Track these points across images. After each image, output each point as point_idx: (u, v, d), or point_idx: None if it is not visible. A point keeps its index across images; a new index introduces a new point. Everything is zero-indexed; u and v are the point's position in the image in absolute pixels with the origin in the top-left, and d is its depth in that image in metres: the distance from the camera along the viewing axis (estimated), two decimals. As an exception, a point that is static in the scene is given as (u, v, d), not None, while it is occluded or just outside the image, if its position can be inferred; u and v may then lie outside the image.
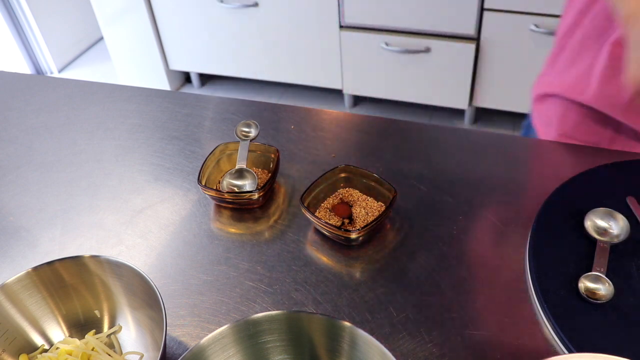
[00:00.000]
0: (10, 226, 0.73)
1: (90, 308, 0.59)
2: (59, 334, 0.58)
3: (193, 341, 0.58)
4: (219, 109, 0.91)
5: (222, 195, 0.70)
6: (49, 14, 2.76)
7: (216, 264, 0.66)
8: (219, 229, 0.70)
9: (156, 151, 0.83)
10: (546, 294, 0.57)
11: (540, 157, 0.76)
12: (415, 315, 0.58)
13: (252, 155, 0.75)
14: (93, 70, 2.85)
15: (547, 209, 0.66)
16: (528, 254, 0.62)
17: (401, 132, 0.83)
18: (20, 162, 0.84)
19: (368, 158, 0.78)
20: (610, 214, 0.63)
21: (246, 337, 0.51)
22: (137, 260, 0.67)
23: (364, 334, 0.47)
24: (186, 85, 2.66)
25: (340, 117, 0.89)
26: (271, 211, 0.72)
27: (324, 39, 2.16)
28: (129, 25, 2.36)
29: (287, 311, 0.51)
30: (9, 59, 2.78)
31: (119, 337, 0.58)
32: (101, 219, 0.73)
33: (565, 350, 0.54)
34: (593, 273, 0.57)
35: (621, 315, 0.55)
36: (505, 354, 0.54)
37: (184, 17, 2.28)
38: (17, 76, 1.06)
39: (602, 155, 0.74)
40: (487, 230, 0.66)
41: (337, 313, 0.59)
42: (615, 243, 0.60)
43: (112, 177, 0.80)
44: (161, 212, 0.73)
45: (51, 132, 0.89)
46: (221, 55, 2.36)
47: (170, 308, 0.60)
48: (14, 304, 0.56)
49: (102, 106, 0.94)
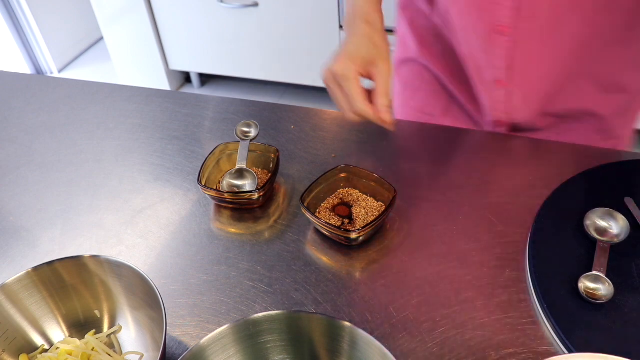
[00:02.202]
0: (10, 226, 0.73)
1: (90, 308, 0.59)
2: (59, 334, 0.58)
3: (193, 341, 0.58)
4: (219, 109, 0.91)
5: (222, 195, 0.70)
6: (49, 14, 2.76)
7: (216, 264, 0.66)
8: (219, 229, 0.70)
9: (156, 151, 0.83)
10: (546, 294, 0.57)
11: (540, 157, 0.76)
12: (415, 315, 0.58)
13: (252, 155, 0.75)
14: (93, 70, 2.85)
15: (547, 209, 0.66)
16: (528, 254, 0.62)
17: (401, 132, 0.83)
18: (20, 162, 0.84)
19: (368, 158, 0.78)
20: (610, 214, 0.63)
21: (246, 337, 0.51)
22: (137, 260, 0.67)
23: (364, 334, 0.47)
24: (186, 85, 2.66)
25: (340, 117, 0.89)
26: (271, 211, 0.72)
27: (324, 39, 2.16)
28: (129, 25, 2.36)
29: (287, 311, 0.51)
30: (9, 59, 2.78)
31: (119, 337, 0.58)
32: (101, 219, 0.73)
33: (565, 350, 0.54)
34: (593, 273, 0.57)
35: (621, 315, 0.55)
36: (505, 354, 0.54)
37: (184, 17, 2.28)
38: (17, 76, 1.06)
39: (601, 155, 0.74)
40: (487, 230, 0.66)
41: (337, 313, 0.59)
42: (615, 243, 0.60)
43: (112, 177, 0.79)
44: (161, 212, 0.73)
45: (51, 132, 0.89)
46: (221, 55, 2.36)
47: (170, 308, 0.60)
48: (14, 304, 0.56)
49: (102, 106, 0.94)
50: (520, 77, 0.76)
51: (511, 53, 0.73)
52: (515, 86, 0.78)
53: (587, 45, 0.71)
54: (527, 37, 0.70)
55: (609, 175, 0.70)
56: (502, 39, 0.71)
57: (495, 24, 0.70)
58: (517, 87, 0.78)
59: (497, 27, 0.70)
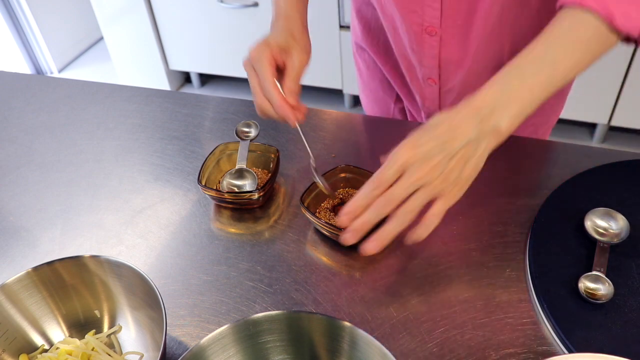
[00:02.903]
0: (10, 226, 0.73)
1: (90, 308, 0.59)
2: (59, 334, 0.58)
3: (193, 341, 0.58)
4: (219, 109, 0.91)
5: (222, 195, 0.70)
6: (49, 14, 2.76)
7: (216, 264, 0.66)
8: (219, 229, 0.70)
9: (156, 151, 0.83)
10: (546, 294, 0.57)
11: (540, 157, 0.76)
12: (415, 315, 0.58)
13: (252, 155, 0.75)
14: (93, 70, 2.85)
15: (547, 209, 0.66)
16: (528, 254, 0.62)
17: (401, 132, 0.83)
18: (20, 162, 0.84)
19: (368, 158, 0.78)
20: (610, 214, 0.63)
21: (246, 337, 0.51)
22: (137, 260, 0.67)
23: (364, 334, 0.47)
24: (186, 85, 2.66)
25: (340, 117, 0.89)
26: (271, 211, 0.72)
27: (324, 39, 2.16)
28: (129, 25, 2.36)
29: (287, 311, 0.51)
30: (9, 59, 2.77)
31: (119, 337, 0.58)
32: (101, 219, 0.73)
33: (565, 350, 0.54)
34: (593, 273, 0.57)
35: (621, 315, 0.55)
36: (505, 354, 0.54)
37: (184, 17, 2.28)
38: (17, 76, 1.06)
39: (601, 155, 0.74)
40: (487, 230, 0.66)
41: (337, 313, 0.59)
42: (615, 243, 0.60)
43: (112, 177, 0.79)
44: (161, 212, 0.73)
45: (51, 132, 0.89)
46: (221, 55, 2.36)
47: (170, 308, 0.60)
48: (14, 304, 0.55)
49: (102, 106, 0.94)
50: (447, 74, 0.79)
51: (439, 52, 0.76)
52: (444, 83, 0.81)
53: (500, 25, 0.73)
54: (451, 35, 0.73)
55: (609, 175, 0.70)
56: (432, 39, 0.74)
57: (424, 24, 0.73)
58: (447, 83, 0.81)
59: (427, 28, 0.73)
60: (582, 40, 0.56)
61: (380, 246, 0.57)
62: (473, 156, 0.56)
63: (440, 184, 0.55)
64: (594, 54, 0.57)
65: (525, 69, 0.56)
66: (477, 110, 0.56)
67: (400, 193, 0.56)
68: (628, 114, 1.91)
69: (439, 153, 0.55)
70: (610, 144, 2.06)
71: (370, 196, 0.56)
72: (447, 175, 0.55)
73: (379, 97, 0.99)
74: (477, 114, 0.56)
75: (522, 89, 0.56)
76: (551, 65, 0.56)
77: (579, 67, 0.57)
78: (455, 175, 0.56)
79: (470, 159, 0.56)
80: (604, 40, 0.56)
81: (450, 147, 0.55)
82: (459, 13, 0.70)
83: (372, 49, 0.91)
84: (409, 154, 0.55)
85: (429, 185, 0.55)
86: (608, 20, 0.55)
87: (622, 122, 1.94)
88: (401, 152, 0.56)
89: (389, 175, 0.56)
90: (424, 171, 0.54)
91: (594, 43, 0.56)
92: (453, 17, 0.71)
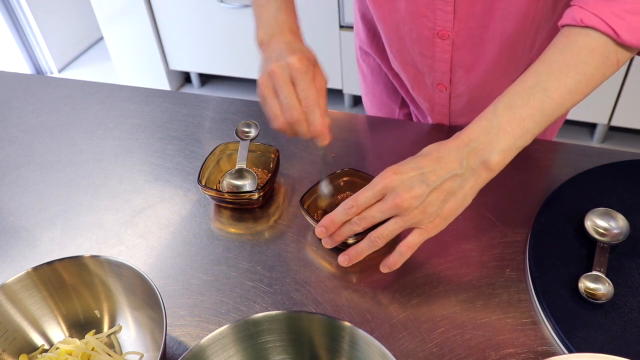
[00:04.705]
0: (10, 226, 0.73)
1: (90, 308, 0.59)
2: (59, 334, 0.58)
3: (193, 341, 0.58)
4: (219, 109, 0.91)
5: (222, 195, 0.70)
6: (49, 14, 2.76)
7: (216, 264, 0.66)
8: (219, 229, 0.70)
9: (156, 151, 0.83)
10: (546, 294, 0.57)
11: (540, 157, 0.76)
12: (415, 315, 0.58)
13: (252, 155, 0.75)
14: (93, 70, 2.85)
15: (547, 209, 0.66)
16: (528, 254, 0.62)
17: (400, 131, 0.83)
18: (20, 162, 0.84)
19: (368, 158, 0.78)
20: (610, 214, 0.63)
21: (246, 337, 0.51)
22: (137, 260, 0.67)
23: (364, 334, 0.47)
24: (186, 85, 2.66)
25: (340, 117, 0.89)
26: (271, 211, 0.72)
27: (324, 39, 2.16)
28: (129, 25, 2.36)
29: (287, 311, 0.51)
30: (9, 59, 2.77)
31: (119, 337, 0.58)
32: (101, 219, 0.73)
33: (565, 350, 0.54)
34: (593, 273, 0.57)
35: (621, 315, 0.55)
36: (505, 354, 0.54)
37: (184, 17, 2.28)
38: (17, 76, 1.06)
39: (601, 155, 0.74)
40: (487, 230, 0.66)
41: (337, 313, 0.59)
42: (615, 243, 0.60)
43: (112, 177, 0.79)
44: (161, 212, 0.73)
45: (51, 132, 0.89)
46: (221, 55, 2.36)
47: (170, 308, 0.60)
48: (14, 304, 0.55)
49: (102, 106, 0.94)
50: (458, 78, 0.78)
51: (452, 55, 0.74)
52: (455, 88, 0.79)
53: (518, 34, 0.71)
54: (464, 39, 0.72)
55: (609, 175, 0.70)
56: (444, 43, 0.72)
57: (436, 28, 0.71)
58: (457, 88, 0.79)
59: (439, 32, 0.71)
60: (577, 63, 0.54)
61: (351, 262, 0.60)
62: (458, 191, 0.55)
63: (418, 214, 0.55)
64: (590, 79, 0.54)
65: (515, 100, 0.54)
66: (464, 144, 0.55)
67: (374, 215, 0.56)
68: (628, 114, 1.91)
69: (420, 183, 0.54)
70: (610, 144, 2.06)
71: (346, 214, 0.57)
72: (425, 207, 0.54)
73: (384, 102, 0.98)
74: (464, 148, 0.55)
75: (512, 122, 0.54)
76: (542, 93, 0.53)
77: (575, 94, 0.54)
78: (435, 208, 0.55)
79: (455, 194, 0.55)
80: (602, 61, 0.54)
81: (431, 178, 0.54)
82: (473, 15, 0.68)
83: (378, 53, 0.90)
84: (390, 179, 0.55)
85: (406, 214, 0.55)
86: (614, 36, 0.53)
87: (622, 122, 1.94)
88: (384, 175, 0.56)
89: (368, 196, 0.56)
90: (402, 198, 0.54)
91: (591, 66, 0.54)
92: (466, 20, 0.69)
